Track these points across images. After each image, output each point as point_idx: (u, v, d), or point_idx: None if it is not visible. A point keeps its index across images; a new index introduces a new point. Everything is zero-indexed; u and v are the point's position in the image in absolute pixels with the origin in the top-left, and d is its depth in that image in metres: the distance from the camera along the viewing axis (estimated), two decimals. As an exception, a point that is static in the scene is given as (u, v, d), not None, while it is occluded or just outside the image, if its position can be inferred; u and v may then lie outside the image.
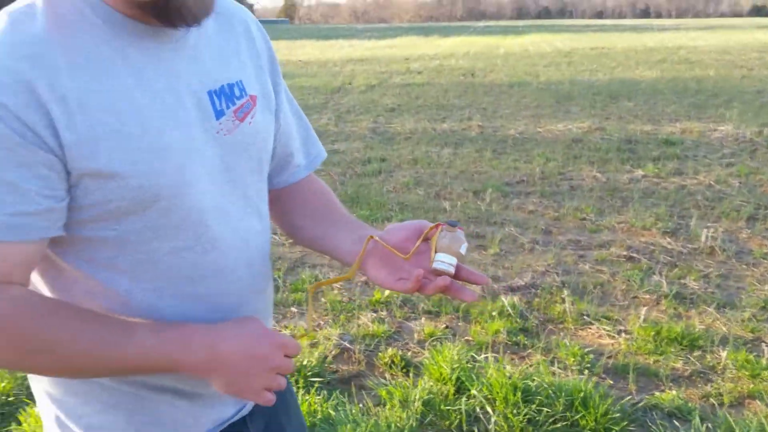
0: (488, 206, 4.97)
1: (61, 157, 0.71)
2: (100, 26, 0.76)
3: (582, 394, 2.35)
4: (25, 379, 2.38)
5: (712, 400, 2.50)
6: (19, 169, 0.69)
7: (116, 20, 0.77)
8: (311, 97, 11.17)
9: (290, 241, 0.83)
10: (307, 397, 2.42)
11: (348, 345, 2.94)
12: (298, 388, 2.53)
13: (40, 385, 0.89)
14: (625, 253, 3.97)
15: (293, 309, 3.35)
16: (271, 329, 0.84)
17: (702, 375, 2.69)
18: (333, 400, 2.47)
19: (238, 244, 0.88)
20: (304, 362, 2.69)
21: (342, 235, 0.98)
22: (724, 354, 2.79)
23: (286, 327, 3.14)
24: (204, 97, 0.83)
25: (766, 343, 2.90)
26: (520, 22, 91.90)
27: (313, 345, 2.90)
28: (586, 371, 2.68)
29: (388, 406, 2.46)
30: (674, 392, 2.54)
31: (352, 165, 6.36)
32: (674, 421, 2.36)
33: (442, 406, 2.44)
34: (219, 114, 0.85)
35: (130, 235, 0.79)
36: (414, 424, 2.36)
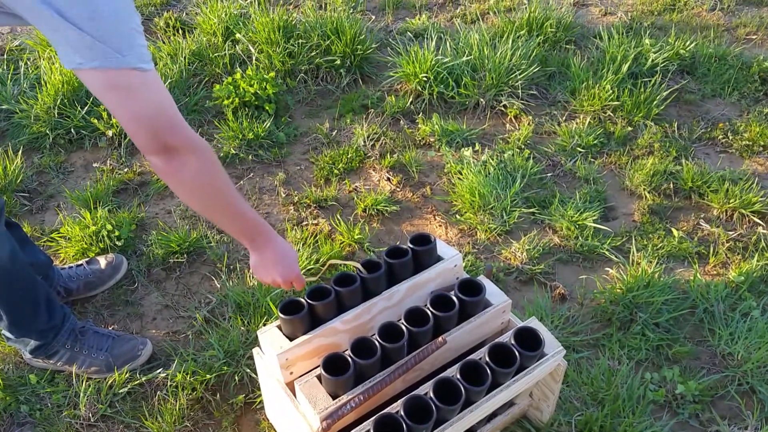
0: None
1: None
2: None
3: (335, 24, 2.55)
4: None
5: (456, 20, 2.80)
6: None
7: None
8: None
9: None
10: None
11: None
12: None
13: None
14: None
15: None
16: (297, 264, 1.29)
17: (453, 0, 2.95)
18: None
19: None
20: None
21: None
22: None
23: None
24: None
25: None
26: None
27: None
28: (351, 9, 2.85)
29: (158, 64, 2.56)
30: (424, 17, 2.80)
31: None
32: (417, 40, 2.65)
33: (210, 54, 2.58)
34: None
35: None
36: (184, 73, 2.51)
